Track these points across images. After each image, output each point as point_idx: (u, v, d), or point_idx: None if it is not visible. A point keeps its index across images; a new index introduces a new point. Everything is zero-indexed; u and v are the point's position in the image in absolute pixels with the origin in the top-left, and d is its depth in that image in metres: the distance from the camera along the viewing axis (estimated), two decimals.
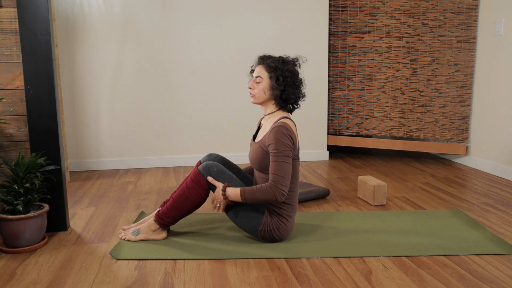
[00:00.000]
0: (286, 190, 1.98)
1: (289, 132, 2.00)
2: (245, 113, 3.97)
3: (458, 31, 3.85)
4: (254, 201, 2.00)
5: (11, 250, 2.05)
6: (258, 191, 1.99)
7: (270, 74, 2.08)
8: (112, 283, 1.77)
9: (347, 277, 1.80)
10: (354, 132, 4.09)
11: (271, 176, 1.98)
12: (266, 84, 2.09)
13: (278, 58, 2.12)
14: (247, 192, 2.01)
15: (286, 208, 2.10)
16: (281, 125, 2.00)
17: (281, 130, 1.99)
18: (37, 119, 2.24)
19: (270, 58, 2.12)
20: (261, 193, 1.98)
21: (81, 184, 3.33)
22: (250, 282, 1.76)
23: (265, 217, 2.07)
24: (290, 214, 2.11)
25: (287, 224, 2.10)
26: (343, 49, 4.01)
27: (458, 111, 3.93)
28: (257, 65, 2.15)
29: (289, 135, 2.00)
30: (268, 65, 2.09)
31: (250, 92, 2.14)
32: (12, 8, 2.19)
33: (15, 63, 2.23)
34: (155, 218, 2.17)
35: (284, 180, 1.97)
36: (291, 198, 2.11)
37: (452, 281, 1.76)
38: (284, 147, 1.98)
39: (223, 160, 2.30)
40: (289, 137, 1.99)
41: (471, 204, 2.77)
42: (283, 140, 1.98)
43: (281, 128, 1.99)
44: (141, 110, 3.82)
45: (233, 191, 2.03)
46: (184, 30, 3.78)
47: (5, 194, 2.06)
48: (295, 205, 2.14)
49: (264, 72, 2.09)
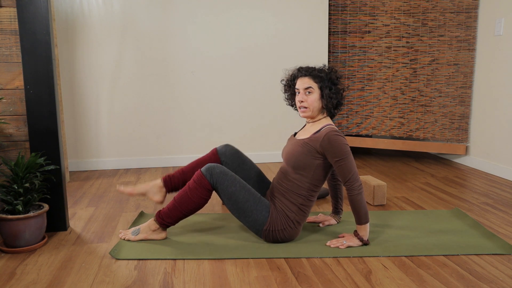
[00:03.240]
0: (360, 182, 2.03)
1: (342, 135, 2.05)
2: (245, 113, 3.97)
3: (458, 31, 3.85)
4: (365, 211, 2.04)
5: (10, 250, 2.05)
6: (361, 206, 2.02)
7: (320, 84, 2.09)
8: (112, 283, 1.77)
9: (347, 277, 1.80)
10: (354, 132, 4.09)
11: (346, 179, 2.01)
12: (318, 94, 2.10)
13: (320, 68, 2.15)
14: (362, 215, 2.04)
15: (298, 214, 2.09)
16: (331, 130, 2.03)
17: (338, 133, 2.03)
18: (37, 119, 2.24)
19: (313, 69, 2.13)
20: (362, 204, 2.02)
21: (81, 184, 3.33)
22: (250, 282, 1.76)
23: (271, 216, 2.07)
24: (299, 221, 2.10)
25: (294, 229, 2.10)
26: (343, 49, 4.01)
27: (458, 111, 3.93)
28: (300, 78, 2.13)
29: (341, 135, 2.03)
30: (316, 75, 2.10)
31: (301, 106, 2.12)
32: (12, 8, 2.19)
33: (15, 63, 2.23)
34: (155, 218, 2.17)
35: (355, 175, 2.01)
36: (307, 206, 2.11)
37: (452, 281, 1.76)
38: (346, 146, 2.01)
39: (237, 153, 2.33)
40: (343, 137, 2.03)
41: (471, 204, 2.77)
42: (343, 141, 2.01)
43: (337, 132, 2.03)
44: (141, 110, 3.82)
45: (364, 229, 2.07)
46: (184, 30, 3.78)
47: (4, 194, 2.05)
48: (307, 215, 2.14)
49: (313, 83, 2.09)
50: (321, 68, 2.14)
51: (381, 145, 4.04)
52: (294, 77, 2.18)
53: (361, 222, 2.05)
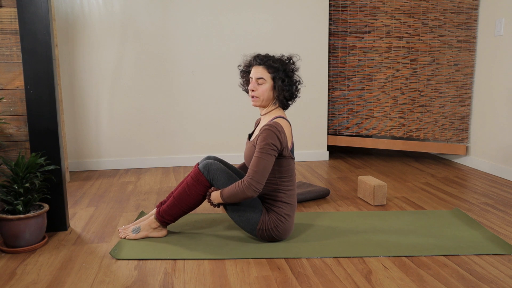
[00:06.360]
0: (258, 187, 1.97)
1: (278, 132, 1.99)
2: (245, 113, 3.97)
3: (458, 31, 3.85)
4: (231, 198, 2.01)
5: (11, 250, 2.05)
6: (232, 187, 2.01)
7: (273, 75, 2.06)
8: (112, 283, 1.77)
9: (347, 277, 1.80)
10: (354, 132, 4.09)
11: (248, 171, 2.00)
12: (270, 85, 2.07)
13: (277, 57, 2.10)
14: (225, 191, 2.03)
15: (285, 207, 2.10)
16: (272, 125, 2.00)
17: (271, 129, 1.99)
18: (37, 119, 2.24)
19: (268, 58, 2.09)
20: (234, 189, 1.99)
21: (81, 184, 3.33)
22: (250, 282, 1.76)
23: (263, 216, 2.08)
24: (288, 213, 2.11)
25: (285, 223, 2.10)
26: (343, 49, 4.01)
27: (458, 111, 3.93)
28: (254, 66, 2.10)
29: (277, 135, 1.99)
30: (270, 65, 2.06)
31: (252, 95, 2.09)
32: (12, 8, 2.19)
33: (15, 63, 2.23)
34: (155, 216, 2.18)
35: (258, 175, 1.96)
36: (289, 197, 2.11)
37: (452, 281, 1.77)
38: (268, 145, 1.98)
39: (221, 162, 2.31)
40: (276, 137, 1.99)
41: (471, 204, 2.77)
42: (269, 139, 1.98)
43: (271, 127, 1.99)
44: (141, 110, 3.82)
45: (215, 194, 2.06)
46: (184, 30, 3.78)
47: (5, 194, 2.05)
48: (294, 204, 2.14)
49: (266, 73, 2.07)
50: (277, 58, 2.10)
51: (381, 145, 4.04)
52: (250, 65, 2.15)
53: (223, 195, 2.03)
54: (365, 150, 4.69)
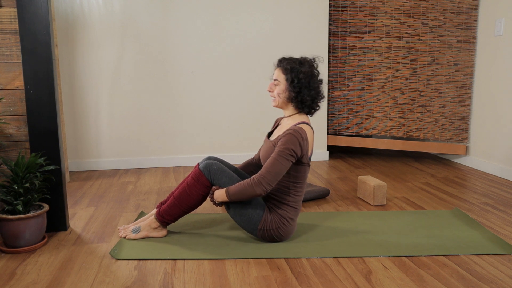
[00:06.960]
0: (268, 187, 1.98)
1: (302, 139, 2.01)
2: (245, 113, 3.97)
3: (458, 31, 3.85)
4: (238, 195, 2.01)
5: (11, 250, 2.05)
6: (240, 184, 2.01)
7: (286, 77, 2.09)
8: (112, 283, 1.77)
9: (347, 277, 1.80)
10: (354, 132, 4.09)
11: (261, 170, 2.00)
12: (283, 86, 2.10)
13: (295, 59, 2.13)
14: (232, 188, 2.02)
15: (289, 211, 2.10)
16: (297, 130, 2.01)
17: (295, 134, 2.00)
18: (37, 119, 2.24)
19: (287, 60, 2.12)
20: (242, 185, 1.99)
21: (81, 184, 3.33)
22: (250, 282, 1.76)
23: (265, 216, 2.08)
24: (292, 217, 2.11)
25: (288, 226, 2.10)
26: (343, 49, 4.01)
27: (458, 111, 3.93)
28: (276, 67, 2.16)
29: (300, 142, 2.00)
30: (284, 67, 2.10)
31: (271, 95, 2.17)
32: (12, 8, 2.19)
33: (15, 63, 2.23)
34: (155, 216, 2.18)
35: (270, 176, 1.97)
36: (296, 202, 2.12)
37: (452, 281, 1.77)
38: (288, 150, 1.99)
39: (222, 162, 2.31)
40: (298, 144, 2.00)
41: (471, 204, 2.77)
42: (290, 145, 1.99)
43: (295, 133, 2.00)
44: (141, 110, 3.82)
45: (219, 192, 2.06)
46: (184, 30, 3.78)
47: (5, 194, 2.05)
48: (299, 209, 2.15)
49: (281, 75, 2.11)
50: (295, 60, 2.12)
51: (381, 145, 4.04)
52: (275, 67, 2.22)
53: (229, 192, 2.03)
54: (365, 150, 4.69)
